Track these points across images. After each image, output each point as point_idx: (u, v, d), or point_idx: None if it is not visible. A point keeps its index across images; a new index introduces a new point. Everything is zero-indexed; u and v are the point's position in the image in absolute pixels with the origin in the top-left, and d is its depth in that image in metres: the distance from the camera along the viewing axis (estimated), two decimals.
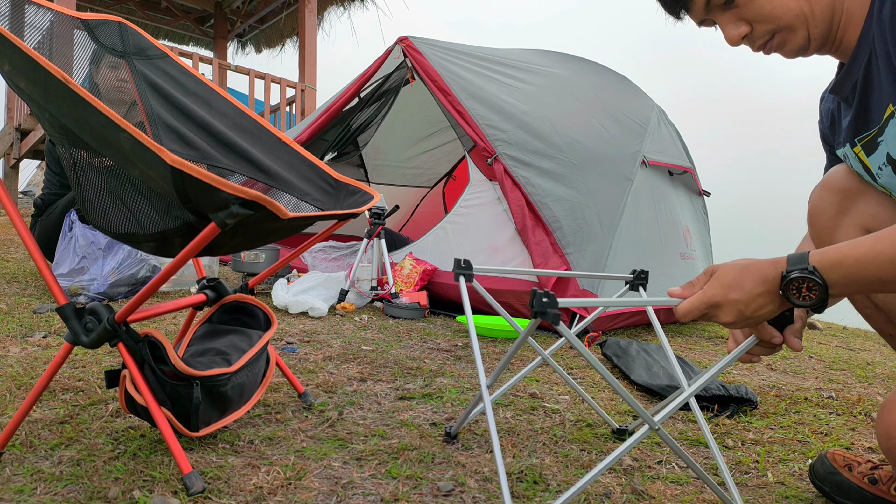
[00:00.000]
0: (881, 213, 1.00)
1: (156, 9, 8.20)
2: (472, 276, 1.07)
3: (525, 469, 1.11)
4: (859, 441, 1.43)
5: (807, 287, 0.78)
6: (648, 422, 0.86)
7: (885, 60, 0.83)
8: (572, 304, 0.83)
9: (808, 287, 0.78)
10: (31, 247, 1.00)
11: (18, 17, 1.14)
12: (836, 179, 1.05)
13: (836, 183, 1.05)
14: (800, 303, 0.79)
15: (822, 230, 1.07)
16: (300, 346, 1.95)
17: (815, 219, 1.08)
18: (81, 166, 1.03)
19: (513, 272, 1.19)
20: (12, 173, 6.46)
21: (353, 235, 4.37)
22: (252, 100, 6.54)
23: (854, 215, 1.03)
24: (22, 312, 2.11)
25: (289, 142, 1.43)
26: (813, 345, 2.85)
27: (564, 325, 0.87)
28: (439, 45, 3.08)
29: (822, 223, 1.06)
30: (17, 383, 1.39)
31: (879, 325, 1.08)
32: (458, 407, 1.46)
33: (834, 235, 1.05)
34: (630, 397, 0.87)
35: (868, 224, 1.01)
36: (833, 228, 1.05)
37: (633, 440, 0.85)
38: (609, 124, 2.99)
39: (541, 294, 0.75)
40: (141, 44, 1.40)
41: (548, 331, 2.47)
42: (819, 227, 1.07)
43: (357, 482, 1.03)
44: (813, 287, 0.78)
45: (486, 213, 2.78)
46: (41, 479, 0.96)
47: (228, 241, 1.06)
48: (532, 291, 0.77)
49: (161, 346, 1.03)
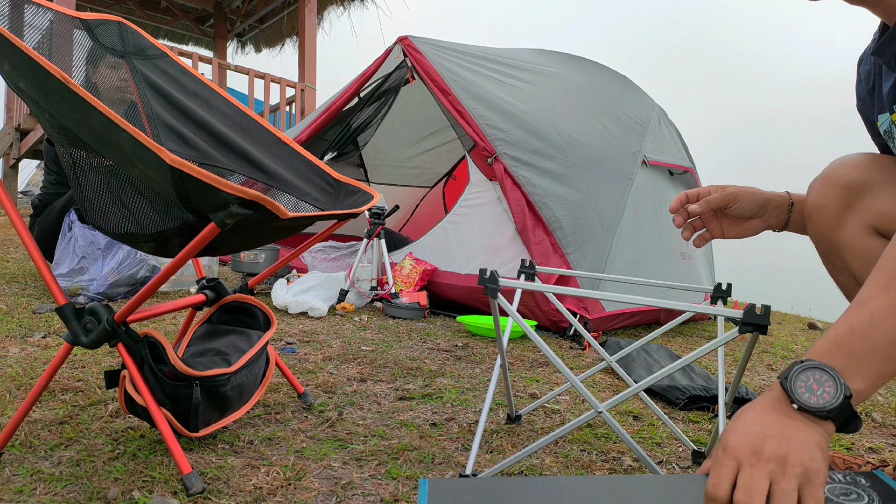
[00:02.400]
0: (892, 211, 0.93)
1: (155, 8, 8.20)
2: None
3: (525, 469, 1.11)
4: (860, 441, 1.43)
5: (814, 380, 0.62)
6: (595, 406, 0.90)
7: None
8: (512, 285, 0.92)
9: (815, 380, 0.62)
10: (30, 247, 1.00)
11: (18, 16, 1.14)
12: (841, 173, 0.98)
13: (841, 177, 0.97)
14: (813, 405, 0.61)
15: (824, 228, 1.00)
16: (300, 347, 1.95)
17: (815, 215, 1.01)
18: (81, 166, 1.03)
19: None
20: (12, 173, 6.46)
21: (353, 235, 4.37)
22: (252, 99, 6.53)
23: (861, 213, 0.95)
24: (21, 312, 2.11)
25: (288, 141, 1.43)
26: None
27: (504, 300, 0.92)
28: (439, 45, 3.08)
29: (824, 220, 0.99)
30: (17, 383, 1.39)
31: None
32: (458, 407, 1.46)
33: (837, 234, 0.98)
34: (580, 384, 0.91)
35: (877, 223, 0.94)
36: (836, 226, 0.98)
37: (576, 422, 0.91)
38: (609, 124, 2.99)
39: (483, 272, 0.89)
40: (140, 43, 1.40)
41: (548, 330, 2.47)
42: (820, 225, 1.00)
43: (357, 482, 1.02)
44: (821, 380, 0.62)
45: (486, 213, 2.77)
46: (41, 480, 0.96)
47: (228, 241, 1.05)
48: (480, 270, 0.88)
49: (160, 347, 1.03)
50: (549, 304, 2.40)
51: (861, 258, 0.97)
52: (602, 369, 1.72)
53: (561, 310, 1.27)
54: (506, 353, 1.04)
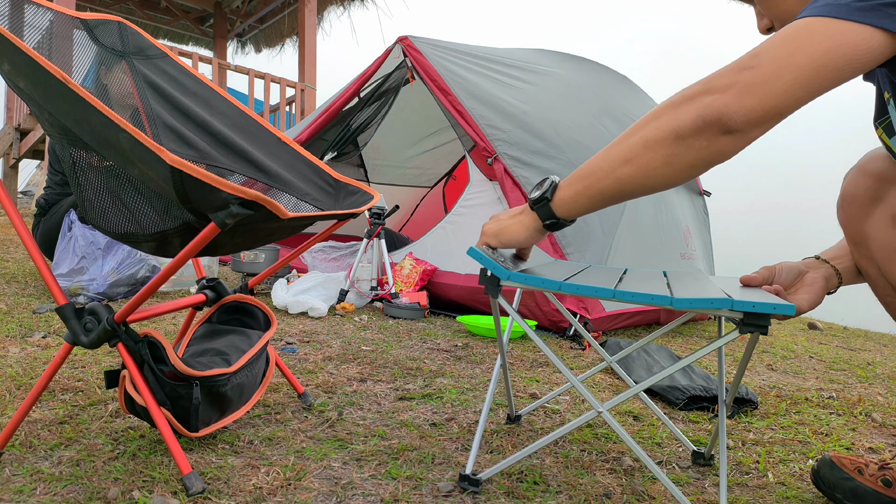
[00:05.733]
0: None
1: (155, 8, 8.20)
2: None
3: (525, 469, 1.11)
4: (860, 441, 1.43)
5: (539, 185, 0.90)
6: (595, 406, 0.90)
7: None
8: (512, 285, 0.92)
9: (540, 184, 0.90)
10: (30, 247, 1.00)
11: (18, 16, 1.14)
12: (874, 165, 1.00)
13: (874, 168, 1.00)
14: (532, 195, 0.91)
15: (853, 218, 1.02)
16: (300, 347, 1.95)
17: (846, 204, 1.03)
18: (81, 166, 1.03)
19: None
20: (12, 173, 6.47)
21: (353, 235, 4.37)
22: (252, 99, 6.54)
23: (888, 203, 0.97)
24: (21, 312, 2.11)
25: (288, 142, 1.43)
26: (813, 345, 2.85)
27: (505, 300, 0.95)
28: (439, 45, 3.08)
29: (854, 211, 1.02)
30: (17, 383, 1.39)
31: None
32: (458, 407, 1.46)
33: (864, 224, 1.00)
34: (580, 384, 0.90)
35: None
36: (864, 217, 1.00)
37: (576, 422, 0.90)
38: (609, 124, 2.99)
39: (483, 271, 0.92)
40: (140, 43, 1.40)
41: (548, 330, 2.47)
42: (850, 215, 1.03)
43: (357, 483, 1.02)
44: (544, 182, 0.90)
45: (486, 213, 2.77)
46: (41, 480, 0.96)
47: (228, 241, 1.05)
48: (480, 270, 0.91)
49: (160, 347, 1.03)
50: (549, 304, 2.40)
51: (885, 248, 0.99)
52: (602, 369, 1.72)
53: (561, 310, 1.27)
54: (506, 353, 1.03)
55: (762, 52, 0.74)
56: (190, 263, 2.62)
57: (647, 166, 0.79)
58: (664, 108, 0.79)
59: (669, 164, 0.78)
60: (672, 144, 0.77)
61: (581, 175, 0.86)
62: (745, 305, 0.76)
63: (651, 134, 0.78)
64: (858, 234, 1.03)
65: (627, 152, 0.80)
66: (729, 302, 0.76)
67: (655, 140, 0.78)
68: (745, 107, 0.73)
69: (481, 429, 1.07)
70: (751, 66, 0.73)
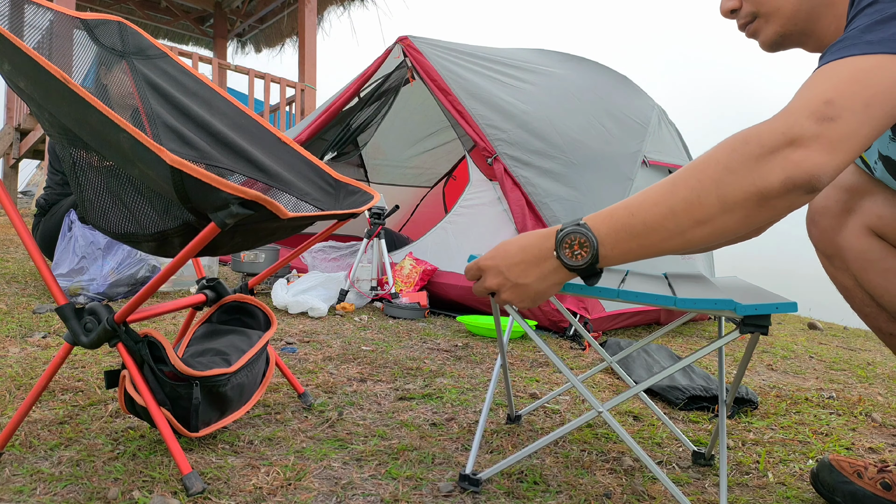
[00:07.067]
0: (887, 214, 0.95)
1: (155, 8, 8.20)
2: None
3: (525, 469, 1.11)
4: (860, 441, 1.43)
5: (578, 244, 0.75)
6: (595, 406, 0.90)
7: None
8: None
9: (579, 244, 0.75)
10: (30, 247, 1.00)
11: (18, 16, 1.14)
12: (844, 177, 0.99)
13: (844, 180, 0.99)
14: (571, 262, 0.76)
15: (826, 231, 1.01)
16: (300, 347, 1.95)
17: (818, 217, 1.02)
18: (81, 166, 1.03)
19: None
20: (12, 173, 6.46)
21: (353, 235, 4.37)
22: (252, 99, 6.53)
23: (860, 215, 0.97)
24: (21, 312, 2.11)
25: (288, 141, 1.43)
26: (813, 345, 2.85)
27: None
28: (439, 45, 3.08)
29: (826, 223, 1.01)
30: (17, 383, 1.39)
31: (878, 324, 1.04)
32: (459, 407, 1.46)
33: (838, 236, 0.99)
34: (580, 384, 0.91)
35: (874, 225, 0.96)
36: (838, 228, 1.00)
37: (576, 422, 0.91)
38: (609, 124, 2.99)
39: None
40: (140, 43, 1.40)
41: (548, 330, 2.47)
42: (822, 228, 1.02)
43: (357, 483, 1.02)
44: (584, 244, 0.75)
45: (486, 213, 2.77)
46: (40, 480, 0.96)
47: (228, 241, 1.05)
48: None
49: (160, 347, 1.03)
50: (549, 303, 2.40)
51: (861, 259, 0.98)
52: (602, 369, 1.72)
53: (561, 310, 1.27)
54: (506, 352, 1.04)
55: (836, 98, 0.66)
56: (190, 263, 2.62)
57: (723, 228, 0.70)
58: (741, 161, 0.68)
59: (745, 224, 0.70)
60: (754, 207, 0.68)
61: (635, 233, 0.73)
62: (747, 309, 0.76)
63: (730, 195, 0.68)
64: (832, 247, 1.02)
65: (701, 213, 0.70)
66: (732, 303, 0.76)
67: (735, 203, 0.68)
68: (834, 167, 0.66)
69: (481, 429, 1.07)
70: (831, 118, 0.65)
